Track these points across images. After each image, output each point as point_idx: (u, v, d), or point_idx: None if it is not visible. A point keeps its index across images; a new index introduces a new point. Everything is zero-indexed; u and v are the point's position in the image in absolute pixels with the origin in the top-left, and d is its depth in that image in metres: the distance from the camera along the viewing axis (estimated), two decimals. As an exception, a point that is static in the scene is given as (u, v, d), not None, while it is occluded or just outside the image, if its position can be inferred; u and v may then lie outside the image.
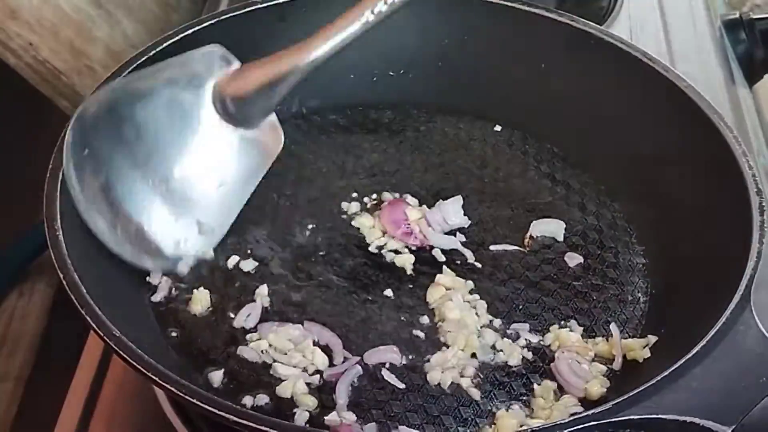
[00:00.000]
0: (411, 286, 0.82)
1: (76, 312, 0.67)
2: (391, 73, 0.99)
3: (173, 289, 0.80)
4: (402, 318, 0.79)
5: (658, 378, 0.64)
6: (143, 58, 0.86)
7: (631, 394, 0.63)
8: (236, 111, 0.82)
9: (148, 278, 0.80)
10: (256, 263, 0.83)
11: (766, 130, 1.13)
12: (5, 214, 1.16)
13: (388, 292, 0.81)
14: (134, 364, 0.64)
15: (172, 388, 0.63)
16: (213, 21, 0.92)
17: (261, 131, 0.84)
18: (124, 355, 0.64)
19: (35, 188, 1.19)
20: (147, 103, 0.80)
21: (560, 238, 0.86)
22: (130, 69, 0.85)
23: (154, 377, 0.63)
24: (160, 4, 1.30)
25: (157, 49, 0.87)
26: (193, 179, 0.81)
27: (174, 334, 0.77)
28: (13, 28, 1.05)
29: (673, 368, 0.65)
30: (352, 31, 0.79)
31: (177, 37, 0.89)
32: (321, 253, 0.84)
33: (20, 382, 1.06)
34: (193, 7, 1.37)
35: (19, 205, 1.16)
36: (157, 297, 0.80)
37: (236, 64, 0.83)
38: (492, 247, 0.85)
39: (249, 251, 0.84)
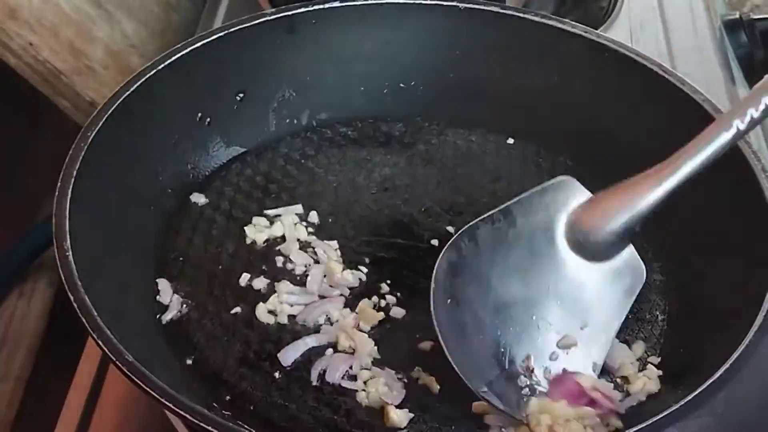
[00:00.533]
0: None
1: (77, 313, 0.67)
2: (402, 86, 0.98)
3: (184, 305, 0.79)
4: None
5: (682, 403, 0.63)
6: (153, 71, 0.85)
7: (655, 419, 0.62)
8: (591, 245, 0.75)
9: (158, 297, 0.79)
10: (268, 281, 0.82)
11: (766, 131, 1.12)
12: (5, 214, 1.15)
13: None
14: (149, 390, 0.63)
15: (190, 417, 0.62)
16: (222, 33, 0.91)
17: (619, 264, 0.77)
18: (138, 381, 0.63)
19: (35, 188, 1.19)
20: (505, 241, 0.75)
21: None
22: (138, 83, 0.84)
23: (170, 405, 0.62)
24: (160, 4, 1.29)
25: (167, 62, 0.86)
26: (555, 321, 0.75)
27: (186, 357, 0.76)
28: (13, 28, 1.04)
29: (697, 392, 0.63)
30: (721, 143, 0.72)
31: (187, 50, 0.88)
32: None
33: (20, 382, 1.06)
34: (193, 7, 1.36)
35: (19, 205, 1.16)
36: (167, 316, 0.79)
37: (586, 194, 0.78)
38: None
39: (264, 268, 0.83)
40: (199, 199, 0.89)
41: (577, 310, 0.75)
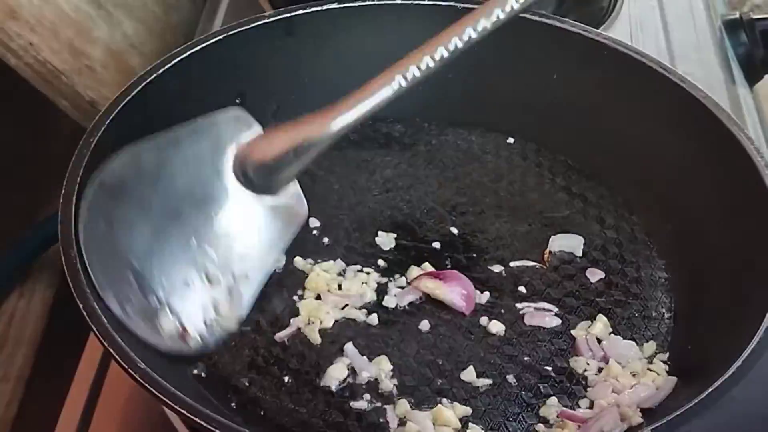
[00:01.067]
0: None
1: (77, 313, 0.66)
2: (401, 86, 0.97)
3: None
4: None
5: (696, 401, 0.63)
6: (152, 76, 0.84)
7: (670, 418, 0.62)
8: (257, 178, 0.77)
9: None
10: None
11: (766, 130, 1.13)
12: (5, 214, 1.14)
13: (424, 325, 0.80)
14: (164, 398, 0.62)
15: (206, 424, 0.61)
16: (220, 36, 0.90)
17: (283, 199, 0.79)
18: (151, 388, 0.63)
19: (35, 188, 1.19)
20: (167, 172, 0.76)
21: (579, 254, 0.85)
22: (138, 88, 0.83)
23: (185, 413, 0.61)
24: (161, 4, 1.29)
25: (166, 66, 0.85)
26: (215, 250, 0.76)
27: (195, 362, 0.75)
28: (14, 28, 1.03)
29: (710, 390, 0.63)
30: (383, 97, 0.74)
31: (185, 54, 0.87)
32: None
33: (20, 382, 1.06)
34: (193, 7, 1.35)
35: (19, 205, 1.15)
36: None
37: (257, 129, 0.79)
38: (512, 264, 0.84)
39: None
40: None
41: (237, 241, 0.76)
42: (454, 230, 0.87)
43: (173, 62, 0.86)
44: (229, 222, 0.77)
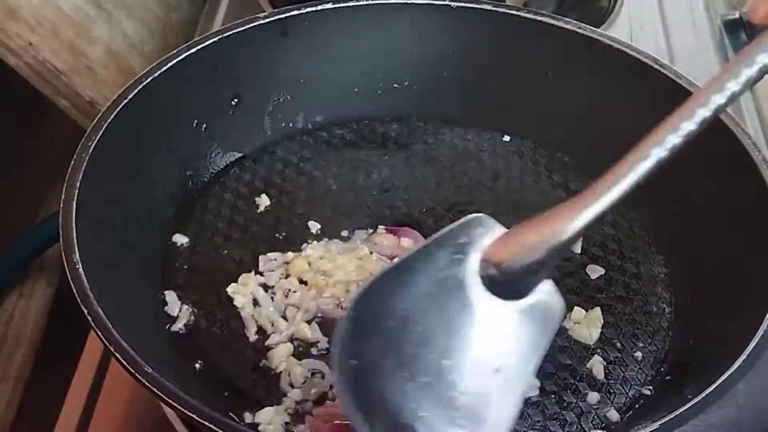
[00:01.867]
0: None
1: (77, 312, 0.66)
2: (396, 86, 0.97)
3: (192, 314, 0.79)
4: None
5: (703, 395, 0.63)
6: (149, 79, 0.84)
7: (677, 412, 0.62)
8: (505, 282, 0.66)
9: (166, 308, 0.79)
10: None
11: (766, 130, 1.14)
12: (5, 214, 1.14)
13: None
14: (172, 402, 0.62)
15: (208, 423, 0.61)
16: (216, 38, 0.89)
17: (535, 301, 0.67)
18: (160, 393, 0.62)
19: (35, 188, 1.18)
20: (410, 289, 0.65)
21: (578, 251, 0.85)
22: (136, 90, 0.83)
23: (194, 416, 0.61)
24: (160, 4, 1.29)
25: (163, 69, 0.85)
26: (467, 369, 0.64)
27: (198, 365, 0.75)
28: (13, 28, 1.04)
29: (716, 384, 0.64)
30: (643, 170, 0.64)
31: (181, 56, 0.87)
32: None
33: (20, 382, 1.06)
34: (193, 7, 1.35)
35: (18, 205, 1.15)
36: (176, 326, 0.78)
37: (500, 230, 0.68)
38: (512, 262, 0.84)
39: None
40: (200, 205, 0.88)
41: (490, 352, 0.66)
42: (454, 229, 0.87)
43: (170, 65, 0.86)
44: (479, 336, 0.66)
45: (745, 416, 0.62)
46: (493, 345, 0.66)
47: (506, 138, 0.96)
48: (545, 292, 0.66)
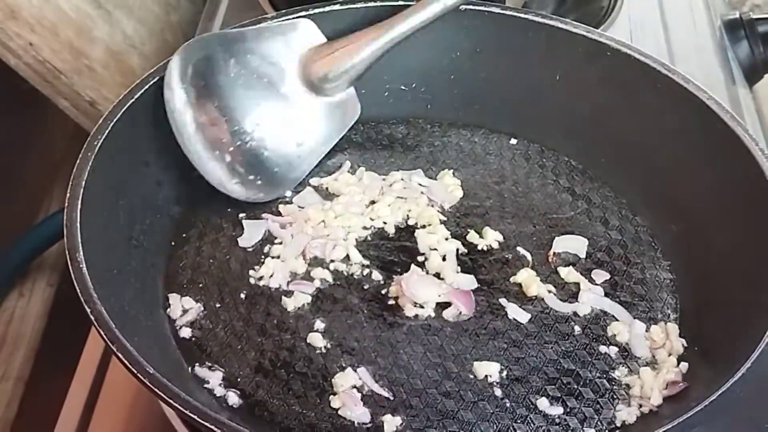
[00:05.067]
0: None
1: (78, 312, 0.67)
2: (403, 88, 0.97)
3: (196, 315, 0.79)
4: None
5: (706, 403, 0.63)
6: (156, 78, 0.84)
7: (680, 420, 0.62)
8: (319, 84, 0.89)
9: (168, 310, 0.79)
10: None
11: (766, 130, 1.13)
12: (5, 214, 1.14)
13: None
14: (174, 403, 0.62)
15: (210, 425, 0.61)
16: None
17: (340, 101, 0.91)
18: (162, 394, 0.62)
19: (35, 188, 1.19)
20: (242, 59, 0.88)
21: (583, 255, 0.85)
22: (142, 90, 0.83)
23: (195, 417, 0.61)
24: (160, 4, 1.29)
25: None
26: (275, 135, 0.89)
27: (200, 366, 0.75)
28: (13, 28, 1.04)
29: (720, 391, 0.64)
30: (434, 11, 0.86)
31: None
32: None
33: (20, 382, 1.06)
34: (193, 7, 1.36)
35: (18, 205, 1.15)
36: (179, 326, 0.78)
37: (321, 39, 0.90)
38: (518, 266, 0.84)
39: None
40: (204, 206, 0.88)
41: (296, 129, 0.90)
42: (458, 232, 0.87)
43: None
44: (290, 115, 0.90)
45: (748, 425, 0.62)
46: (300, 124, 0.90)
47: (513, 141, 0.96)
48: (348, 94, 0.91)
